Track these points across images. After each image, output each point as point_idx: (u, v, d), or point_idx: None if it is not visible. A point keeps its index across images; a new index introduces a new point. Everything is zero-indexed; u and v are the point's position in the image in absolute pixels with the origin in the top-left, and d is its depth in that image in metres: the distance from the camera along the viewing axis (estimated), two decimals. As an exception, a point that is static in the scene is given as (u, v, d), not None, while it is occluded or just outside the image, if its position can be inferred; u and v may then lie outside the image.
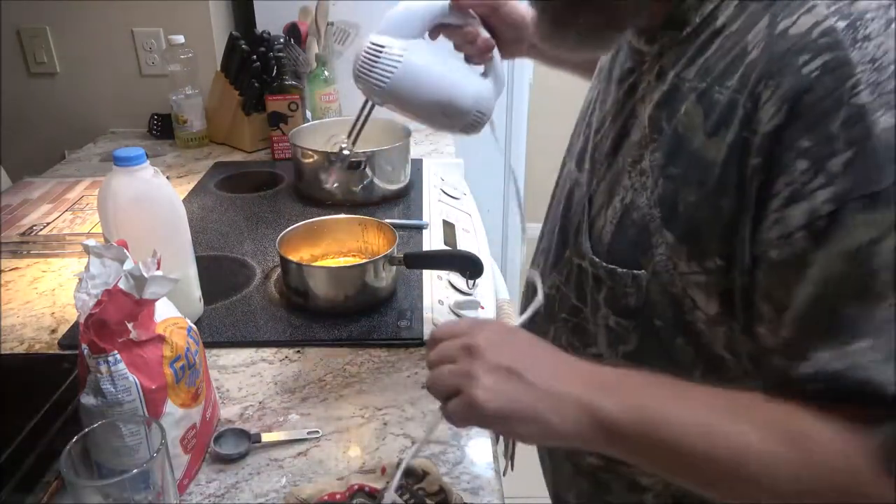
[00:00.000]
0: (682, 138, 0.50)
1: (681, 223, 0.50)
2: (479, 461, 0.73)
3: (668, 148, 0.51)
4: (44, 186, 1.41)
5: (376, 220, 1.07)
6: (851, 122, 0.41)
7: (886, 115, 0.40)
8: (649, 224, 0.52)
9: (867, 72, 0.41)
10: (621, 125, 0.59)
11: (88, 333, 0.62)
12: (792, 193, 0.43)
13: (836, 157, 0.41)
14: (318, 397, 0.83)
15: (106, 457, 0.61)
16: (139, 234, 0.81)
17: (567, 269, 0.64)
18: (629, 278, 0.54)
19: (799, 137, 0.42)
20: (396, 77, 0.73)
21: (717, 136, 0.47)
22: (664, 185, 0.51)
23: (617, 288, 0.56)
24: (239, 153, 1.68)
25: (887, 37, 0.41)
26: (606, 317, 0.59)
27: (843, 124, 0.41)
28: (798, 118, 0.42)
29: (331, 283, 0.99)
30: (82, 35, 1.78)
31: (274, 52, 1.61)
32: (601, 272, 0.57)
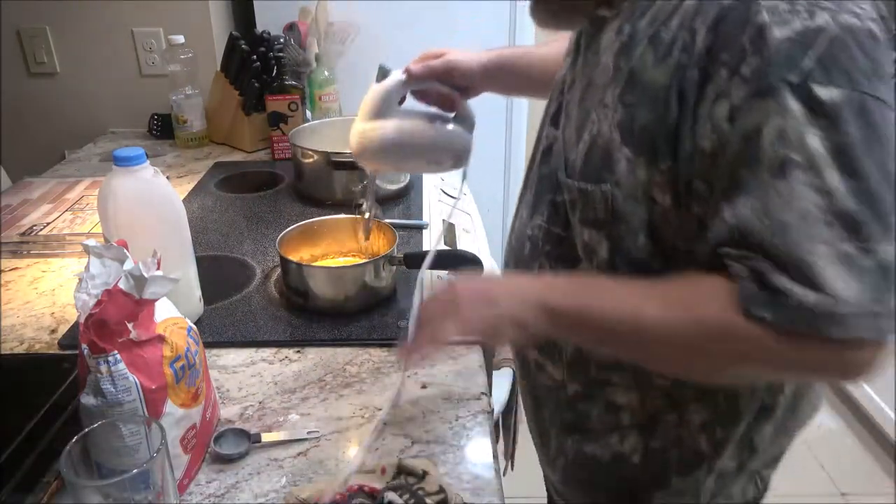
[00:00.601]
0: (636, 73, 0.60)
1: (636, 139, 0.60)
2: (479, 461, 0.74)
3: (625, 83, 0.61)
4: (44, 186, 1.41)
5: (376, 220, 1.07)
6: (755, 36, 0.52)
7: (780, 28, 0.51)
8: (610, 145, 0.62)
9: None
10: (588, 76, 0.68)
11: (88, 333, 0.62)
12: (717, 95, 0.54)
13: (745, 62, 0.52)
14: (318, 397, 0.83)
15: (106, 457, 0.61)
16: (139, 234, 0.81)
17: (547, 209, 0.73)
18: (598, 193, 0.64)
19: (721, 52, 0.53)
20: (384, 149, 0.86)
21: (664, 63, 0.57)
22: (622, 112, 0.61)
23: (588, 204, 0.65)
24: (239, 153, 1.68)
25: None
26: (581, 233, 0.68)
27: (749, 38, 0.52)
28: (720, 38, 0.54)
29: (331, 283, 0.99)
30: (82, 35, 1.78)
31: (274, 52, 1.61)
32: (575, 192, 0.67)
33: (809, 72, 0.50)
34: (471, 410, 0.81)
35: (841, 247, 0.50)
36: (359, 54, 1.82)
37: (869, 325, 0.51)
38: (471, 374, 0.87)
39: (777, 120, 0.51)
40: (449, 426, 0.78)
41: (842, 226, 0.50)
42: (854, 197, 0.50)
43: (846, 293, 0.50)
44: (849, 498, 1.98)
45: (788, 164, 0.51)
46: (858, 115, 0.51)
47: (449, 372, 0.87)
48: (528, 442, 0.98)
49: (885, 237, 0.51)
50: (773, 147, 0.52)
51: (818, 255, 0.51)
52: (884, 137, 0.52)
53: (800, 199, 0.51)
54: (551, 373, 0.79)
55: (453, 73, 0.88)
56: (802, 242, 0.51)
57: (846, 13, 0.52)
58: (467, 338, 0.73)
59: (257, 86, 1.58)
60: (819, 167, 0.50)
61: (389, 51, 1.87)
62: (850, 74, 0.51)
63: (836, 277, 0.50)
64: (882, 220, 0.51)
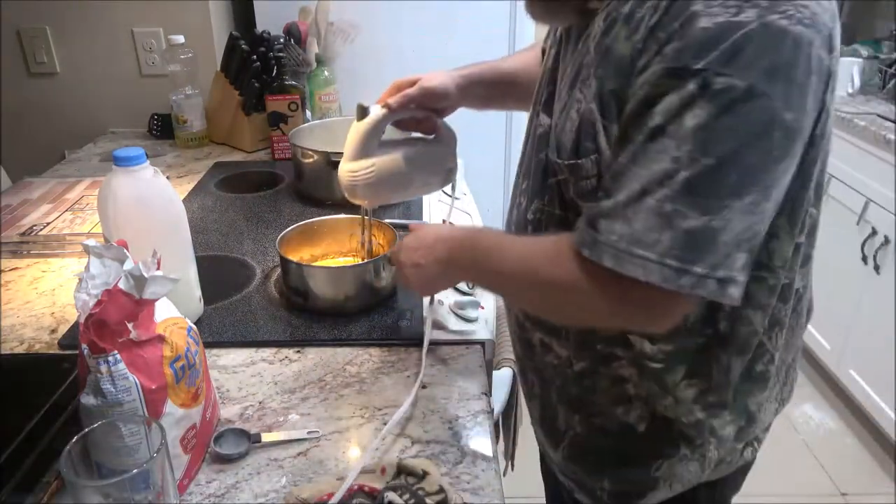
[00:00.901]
0: (610, 49, 0.64)
1: (606, 107, 0.64)
2: (479, 461, 0.74)
3: (600, 57, 0.65)
4: (44, 186, 1.41)
5: (376, 220, 1.07)
6: (685, 22, 0.57)
7: (705, 19, 0.56)
8: (590, 117, 0.66)
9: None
10: (577, 63, 0.71)
11: (88, 333, 0.62)
12: (644, 65, 0.60)
13: (671, 43, 0.57)
14: (318, 397, 0.83)
15: (106, 457, 0.61)
16: (139, 234, 0.81)
17: (547, 193, 0.77)
18: (588, 164, 0.68)
19: (659, 30, 0.59)
20: (376, 185, 0.90)
21: (632, 39, 0.62)
22: (596, 84, 0.65)
23: (580, 178, 0.69)
24: (239, 153, 1.68)
25: None
26: (578, 208, 0.71)
27: (681, 23, 0.57)
28: (664, 18, 0.58)
29: (331, 283, 0.99)
30: (82, 35, 1.78)
31: (274, 52, 1.61)
32: (565, 171, 0.70)
33: (713, 60, 0.55)
34: (471, 410, 0.81)
35: (665, 205, 0.58)
36: (359, 54, 1.82)
37: (659, 272, 0.59)
38: (471, 374, 0.87)
39: (672, 96, 0.57)
40: (449, 426, 0.78)
41: (674, 189, 0.58)
42: (697, 170, 0.57)
43: (646, 237, 0.59)
44: (849, 498, 1.98)
45: (661, 132, 0.58)
46: (739, 106, 0.56)
47: (449, 372, 0.87)
48: (528, 442, 0.98)
49: (705, 211, 0.58)
50: (659, 116, 0.58)
51: (642, 205, 0.59)
52: (756, 132, 0.57)
53: (656, 161, 0.59)
54: (558, 351, 0.81)
55: (430, 97, 0.91)
56: (638, 192, 0.60)
57: (778, 14, 0.55)
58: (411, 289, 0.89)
59: (257, 86, 1.58)
60: (681, 140, 0.57)
61: (389, 51, 1.88)
62: (748, 69, 0.55)
63: (646, 228, 0.59)
64: (713, 195, 0.58)
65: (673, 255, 0.59)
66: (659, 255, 0.59)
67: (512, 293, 0.81)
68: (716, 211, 0.58)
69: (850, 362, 2.19)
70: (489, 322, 0.98)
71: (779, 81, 0.56)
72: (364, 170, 0.89)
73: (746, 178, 0.58)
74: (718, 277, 0.59)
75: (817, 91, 0.60)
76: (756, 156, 0.58)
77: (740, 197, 0.58)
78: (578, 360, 0.79)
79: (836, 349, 2.25)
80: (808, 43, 0.57)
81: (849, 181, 2.14)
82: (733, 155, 0.57)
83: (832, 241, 1.96)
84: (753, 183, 0.58)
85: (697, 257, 0.58)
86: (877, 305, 2.03)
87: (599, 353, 0.77)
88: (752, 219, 0.59)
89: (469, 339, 0.93)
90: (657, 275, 0.59)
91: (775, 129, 0.57)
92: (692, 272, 0.59)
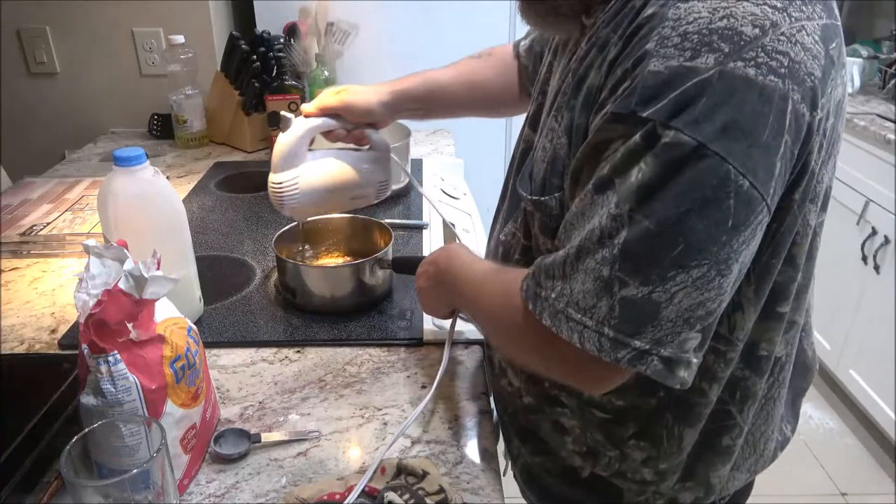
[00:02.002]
0: (583, 78, 0.60)
1: (575, 144, 0.60)
2: (479, 461, 0.74)
3: (575, 85, 0.61)
4: (44, 186, 1.41)
5: (377, 221, 1.07)
6: (637, 62, 0.52)
7: (657, 61, 0.50)
8: (560, 151, 0.62)
9: (667, 27, 0.51)
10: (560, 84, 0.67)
11: (88, 333, 0.62)
12: (601, 103, 0.56)
13: (623, 83, 0.53)
14: (318, 397, 0.83)
15: (106, 457, 0.61)
16: (139, 234, 0.81)
17: (520, 216, 0.74)
18: (553, 202, 0.64)
19: (616, 66, 0.55)
20: (302, 198, 0.89)
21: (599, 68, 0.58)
22: (569, 117, 0.61)
23: (545, 215, 0.66)
24: (239, 153, 1.68)
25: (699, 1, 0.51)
26: (545, 244, 0.68)
27: (633, 62, 0.52)
28: (623, 51, 0.54)
29: (326, 282, 0.99)
30: (82, 35, 1.78)
31: (274, 52, 1.61)
32: (531, 205, 0.67)
33: (659, 111, 0.50)
34: (471, 410, 0.81)
35: (603, 269, 0.53)
36: (359, 54, 1.82)
37: (596, 340, 0.54)
38: (471, 374, 0.87)
39: (617, 143, 0.53)
40: (449, 426, 0.78)
41: (613, 252, 0.53)
42: (637, 234, 0.51)
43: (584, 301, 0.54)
44: (849, 498, 1.98)
45: (608, 185, 0.53)
46: (685, 167, 0.49)
47: (449, 372, 0.87)
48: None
49: (645, 281, 0.52)
50: (606, 165, 0.54)
51: (581, 265, 0.55)
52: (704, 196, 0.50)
53: (599, 216, 0.54)
54: (511, 379, 0.79)
55: (351, 111, 0.90)
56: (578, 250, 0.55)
57: (743, 61, 0.48)
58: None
59: (257, 86, 1.58)
60: (625, 196, 0.52)
61: (389, 51, 1.88)
62: (698, 125, 0.49)
63: (584, 291, 0.54)
64: (653, 265, 0.51)
65: (611, 325, 0.53)
66: (596, 322, 0.54)
67: (476, 320, 0.77)
68: (657, 282, 0.51)
69: (850, 362, 2.19)
70: (489, 322, 0.98)
71: (737, 141, 0.49)
72: (288, 181, 0.87)
73: (693, 249, 0.51)
74: (663, 356, 0.53)
75: (792, 153, 0.52)
76: (705, 225, 0.50)
77: (686, 269, 0.51)
78: (527, 394, 0.76)
79: (836, 349, 2.25)
80: (780, 97, 0.49)
81: (849, 181, 2.14)
82: (678, 221, 0.50)
83: (832, 241, 1.96)
84: (702, 255, 0.51)
85: (637, 330, 0.53)
86: (877, 305, 2.03)
87: (546, 392, 0.74)
88: (703, 295, 0.52)
89: (469, 339, 0.93)
90: (593, 343, 0.54)
91: (730, 196, 0.50)
92: (631, 346, 0.53)
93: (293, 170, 0.88)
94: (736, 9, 0.49)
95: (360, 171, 0.92)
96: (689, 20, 0.50)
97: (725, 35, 0.49)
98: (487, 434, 0.78)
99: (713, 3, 0.50)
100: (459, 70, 0.99)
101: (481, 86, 0.99)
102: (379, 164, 0.94)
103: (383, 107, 0.91)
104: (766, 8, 0.49)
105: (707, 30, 0.49)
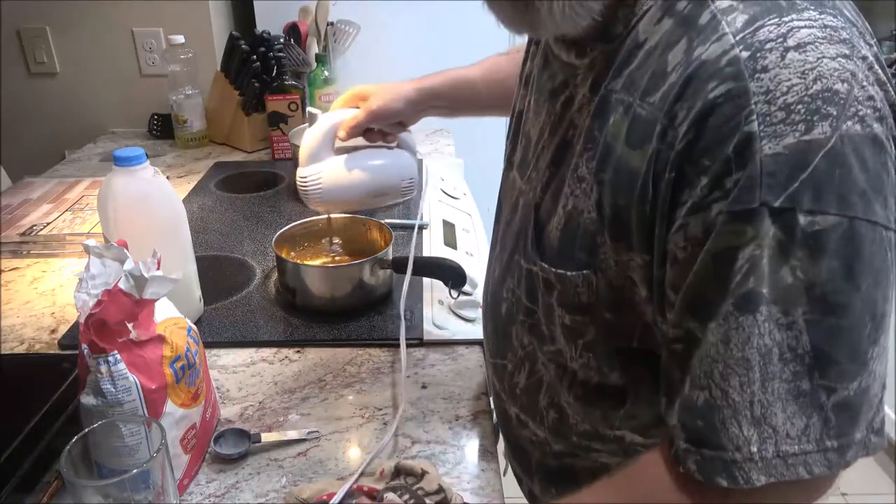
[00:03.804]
0: (610, 147, 0.55)
1: (614, 224, 0.55)
2: (479, 461, 0.74)
3: (600, 155, 0.56)
4: (44, 186, 1.41)
5: (377, 221, 1.07)
6: (741, 147, 0.46)
7: (769, 143, 0.45)
8: (590, 226, 0.57)
9: (760, 103, 0.46)
10: (561, 136, 0.63)
11: (88, 333, 0.62)
12: (693, 204, 0.48)
13: (729, 176, 0.46)
14: (318, 397, 0.83)
15: (106, 457, 0.61)
16: (139, 234, 0.81)
17: (517, 273, 0.68)
18: (579, 279, 0.59)
19: (701, 156, 0.48)
20: (325, 192, 0.92)
21: (641, 149, 0.52)
22: (598, 190, 0.56)
23: (568, 289, 0.61)
24: (239, 153, 1.68)
25: (782, 68, 0.46)
26: (562, 316, 0.63)
27: (734, 148, 0.46)
28: (702, 139, 0.48)
29: (326, 282, 0.99)
30: (82, 35, 1.78)
31: (274, 52, 1.61)
32: (552, 277, 0.62)
33: (796, 196, 0.45)
34: (471, 410, 0.81)
35: (801, 384, 0.47)
36: (359, 54, 1.82)
37: (823, 460, 0.48)
38: (471, 374, 0.87)
39: (751, 248, 0.46)
40: (449, 426, 0.78)
41: (806, 363, 0.46)
42: (824, 333, 0.46)
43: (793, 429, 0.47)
44: (849, 498, 1.98)
45: (756, 298, 0.47)
46: (845, 245, 0.46)
47: (449, 372, 0.87)
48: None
49: (855, 375, 0.47)
50: (743, 277, 0.47)
51: (770, 394, 0.47)
52: (873, 266, 0.47)
53: (760, 336, 0.47)
54: (535, 430, 0.74)
55: (378, 118, 0.92)
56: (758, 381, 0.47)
57: (850, 119, 0.45)
58: None
59: (257, 86, 1.58)
60: (789, 302, 0.46)
61: (389, 51, 1.87)
62: (843, 198, 0.45)
63: (788, 419, 0.47)
64: (855, 357, 0.47)
65: (831, 436, 0.47)
66: (816, 442, 0.47)
67: None
68: (861, 370, 0.47)
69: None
70: (489, 322, 0.98)
71: (876, 199, 0.46)
72: (312, 176, 0.91)
73: (879, 320, 0.48)
74: (877, 429, 0.49)
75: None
76: (881, 293, 0.47)
77: (877, 342, 0.48)
78: (557, 443, 0.72)
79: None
80: (885, 139, 0.48)
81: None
82: (859, 303, 0.46)
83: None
84: (885, 319, 0.48)
85: (855, 423, 0.48)
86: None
87: (576, 442, 0.70)
88: (887, 352, 0.49)
89: (469, 339, 0.93)
90: (821, 465, 0.48)
91: (887, 253, 0.47)
92: (854, 442, 0.48)
93: (318, 164, 0.91)
94: (821, 68, 0.46)
95: (385, 169, 0.95)
96: (784, 90, 0.45)
97: (826, 97, 0.45)
98: (487, 434, 0.78)
99: (796, 67, 0.46)
100: (486, 68, 0.98)
101: (508, 83, 0.94)
102: (405, 163, 0.96)
103: (408, 104, 0.92)
104: (840, 59, 0.47)
105: (808, 97, 0.45)
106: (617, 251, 0.56)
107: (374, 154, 0.95)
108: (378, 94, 0.92)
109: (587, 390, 0.65)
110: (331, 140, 0.92)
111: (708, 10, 0.50)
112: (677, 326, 0.52)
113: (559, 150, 0.63)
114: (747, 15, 0.48)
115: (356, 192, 0.94)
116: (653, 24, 0.54)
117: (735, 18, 0.48)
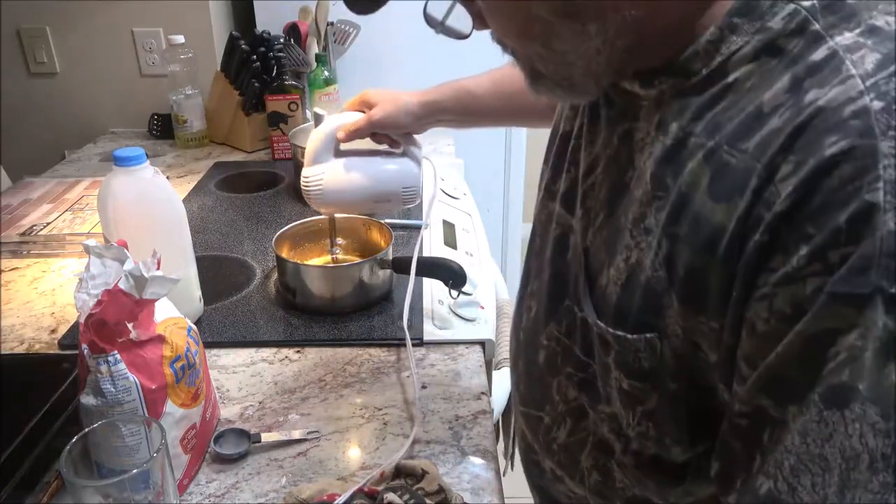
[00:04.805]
0: (686, 197, 0.47)
1: (687, 285, 0.48)
2: (479, 461, 0.74)
3: (673, 207, 0.48)
4: (44, 186, 1.41)
5: (377, 221, 1.07)
6: (859, 219, 0.38)
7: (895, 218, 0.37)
8: (657, 286, 0.50)
9: (890, 168, 0.38)
10: (618, 174, 0.56)
11: (88, 333, 0.62)
12: (785, 275, 0.41)
13: (836, 249, 0.39)
14: (318, 397, 0.83)
15: (106, 457, 0.61)
16: (139, 234, 0.81)
17: (568, 320, 0.61)
18: (641, 343, 0.52)
19: (806, 222, 0.40)
20: (326, 194, 0.93)
21: (729, 203, 0.44)
22: (668, 245, 0.49)
23: (627, 353, 0.54)
24: (239, 153, 1.68)
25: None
26: (619, 379, 0.56)
27: (850, 218, 0.38)
28: (810, 203, 0.40)
29: (326, 282, 0.99)
30: (82, 35, 1.78)
31: (274, 52, 1.61)
32: (608, 337, 0.55)
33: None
34: (471, 410, 0.81)
35: (889, 498, 0.40)
36: (359, 54, 1.82)
37: None
38: (471, 374, 0.87)
39: (853, 337, 0.39)
40: (449, 426, 0.78)
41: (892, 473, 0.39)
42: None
43: None
44: (849, 498, 1.98)
45: (849, 394, 0.39)
46: None
47: (449, 372, 0.87)
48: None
49: None
50: (837, 367, 0.39)
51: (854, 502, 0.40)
52: None
53: (848, 436, 0.40)
54: (571, 487, 0.68)
55: (382, 129, 0.92)
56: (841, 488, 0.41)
57: None
58: None
59: (257, 86, 1.58)
60: (888, 404, 0.39)
61: (389, 51, 1.87)
62: None
63: None
64: None
65: None
66: None
67: None
68: None
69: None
70: (489, 322, 0.98)
71: None
72: (314, 176, 0.92)
73: None
74: None
75: None
76: None
77: None
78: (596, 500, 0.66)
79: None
80: None
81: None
82: None
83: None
84: None
85: None
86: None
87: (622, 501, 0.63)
88: None
89: (469, 339, 0.93)
90: None
91: None
92: None
93: (320, 165, 0.92)
94: None
95: (387, 175, 0.96)
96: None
97: None
98: (487, 434, 0.78)
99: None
100: (494, 79, 0.96)
101: (518, 95, 0.91)
102: (408, 170, 0.96)
103: (411, 118, 0.93)
104: None
105: None
106: (685, 315, 0.49)
107: (376, 160, 0.96)
108: (383, 104, 0.92)
109: (640, 460, 0.59)
110: (335, 142, 0.93)
111: (825, 46, 0.42)
112: (746, 403, 0.45)
113: (615, 191, 0.56)
114: (879, 55, 0.40)
115: (356, 196, 0.95)
116: (745, 63, 0.46)
117: (863, 58, 0.40)
